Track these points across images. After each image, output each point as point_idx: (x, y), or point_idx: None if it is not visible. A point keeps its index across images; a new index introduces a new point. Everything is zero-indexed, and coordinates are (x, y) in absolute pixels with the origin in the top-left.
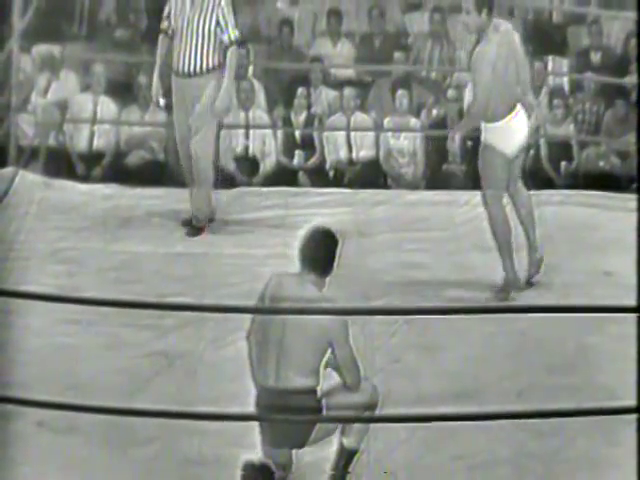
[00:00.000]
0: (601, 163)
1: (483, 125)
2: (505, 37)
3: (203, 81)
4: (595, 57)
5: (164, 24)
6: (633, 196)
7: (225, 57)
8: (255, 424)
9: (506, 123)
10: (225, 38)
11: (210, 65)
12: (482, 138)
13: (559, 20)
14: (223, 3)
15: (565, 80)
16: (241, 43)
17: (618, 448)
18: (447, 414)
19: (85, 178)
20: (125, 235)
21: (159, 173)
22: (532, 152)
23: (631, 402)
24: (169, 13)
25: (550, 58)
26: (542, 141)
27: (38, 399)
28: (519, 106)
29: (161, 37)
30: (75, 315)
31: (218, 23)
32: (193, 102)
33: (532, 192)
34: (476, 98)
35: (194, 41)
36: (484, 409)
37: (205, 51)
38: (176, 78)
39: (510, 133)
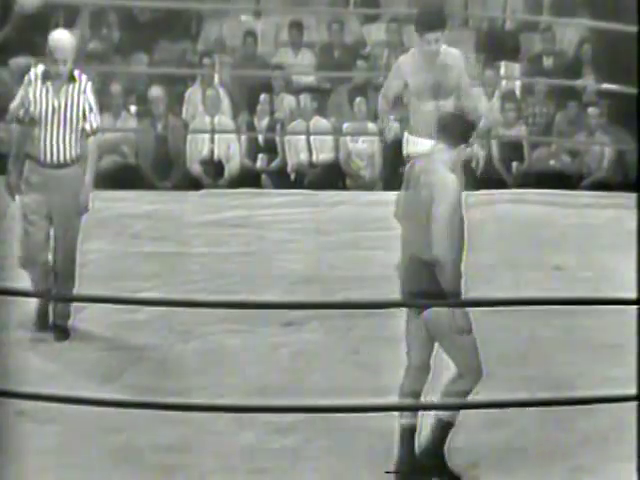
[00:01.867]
0: (552, 162)
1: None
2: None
3: (71, 172)
4: (547, 62)
5: (19, 113)
6: (583, 193)
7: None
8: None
9: None
10: (87, 126)
11: (75, 155)
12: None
13: (512, 28)
14: (88, 90)
15: (517, 84)
16: (207, 54)
17: (571, 436)
18: (405, 405)
19: None
20: (98, 234)
21: (130, 176)
22: (484, 153)
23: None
24: (25, 101)
25: (503, 64)
26: (494, 143)
27: (17, 390)
28: None
29: (16, 127)
30: None
31: (84, 111)
32: (58, 195)
33: (485, 192)
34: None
35: (61, 130)
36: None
37: (72, 141)
38: (41, 169)
39: None
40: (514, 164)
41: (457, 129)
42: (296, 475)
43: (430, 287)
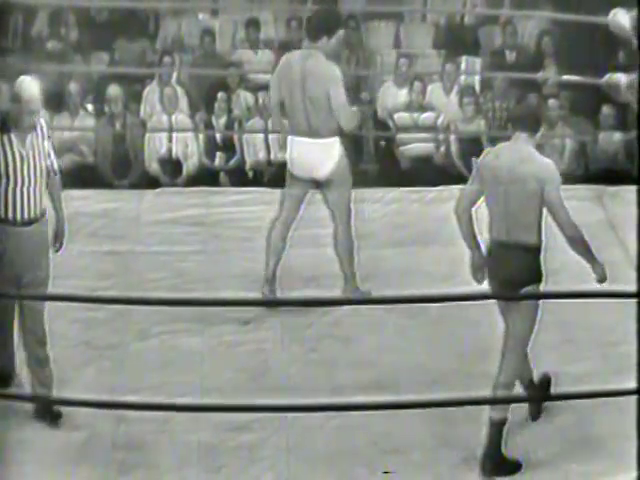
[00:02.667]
0: None
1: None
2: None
3: (42, 226)
4: (509, 56)
5: None
6: None
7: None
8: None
9: None
10: (53, 169)
11: (44, 208)
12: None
13: (471, 22)
14: (47, 133)
15: (477, 79)
16: (165, 52)
17: (532, 433)
18: (362, 403)
19: None
20: None
21: (88, 175)
22: (443, 149)
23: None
24: None
25: (463, 59)
26: (453, 138)
27: None
28: None
29: None
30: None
31: (48, 156)
32: (29, 255)
33: (444, 187)
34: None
35: (32, 182)
36: (399, 398)
37: (42, 191)
38: (11, 228)
39: None
40: (473, 159)
41: (533, 117)
42: (252, 473)
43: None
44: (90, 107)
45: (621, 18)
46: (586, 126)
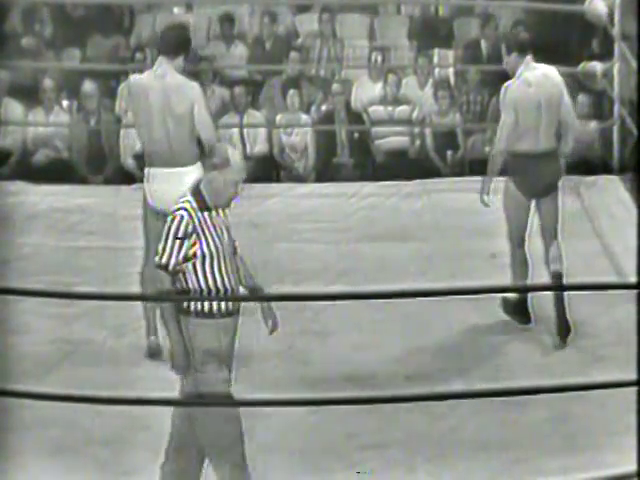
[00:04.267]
0: (487, 149)
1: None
2: None
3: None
4: (484, 47)
5: None
6: None
7: None
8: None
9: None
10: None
11: None
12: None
13: (445, 14)
14: None
15: (451, 71)
16: (140, 48)
17: (509, 429)
18: (339, 398)
19: None
20: (31, 228)
21: (63, 171)
22: (418, 143)
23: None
24: None
25: (436, 51)
26: (428, 132)
27: None
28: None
29: None
30: None
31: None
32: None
33: (419, 181)
34: None
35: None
36: (374, 393)
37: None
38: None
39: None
40: (448, 152)
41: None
42: None
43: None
44: (65, 103)
45: (597, 6)
46: None
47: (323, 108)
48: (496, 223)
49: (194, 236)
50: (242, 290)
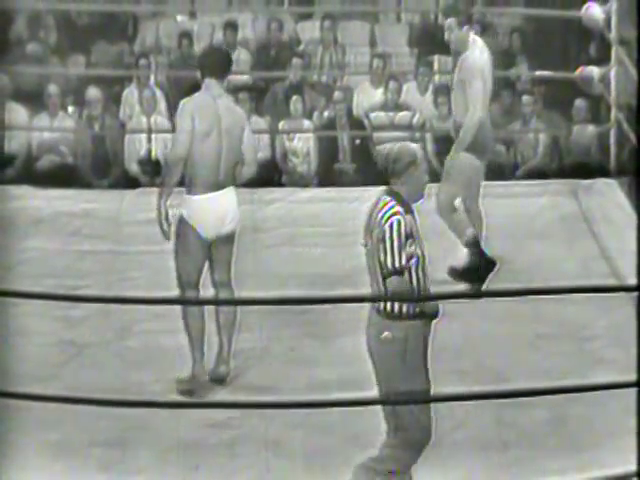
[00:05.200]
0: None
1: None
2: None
3: None
4: None
5: None
6: (517, 182)
7: None
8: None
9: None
10: None
11: None
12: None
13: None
14: None
15: (450, 78)
16: (143, 55)
17: (506, 429)
18: (340, 400)
19: None
20: (36, 232)
21: (68, 175)
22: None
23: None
24: None
25: (436, 58)
26: (428, 136)
27: None
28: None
29: None
30: None
31: None
32: None
33: None
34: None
35: None
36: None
37: None
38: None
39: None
40: (448, 157)
41: None
42: (232, 470)
43: None
44: (70, 109)
45: (594, 11)
46: (559, 120)
47: (325, 114)
48: (496, 225)
49: (410, 239)
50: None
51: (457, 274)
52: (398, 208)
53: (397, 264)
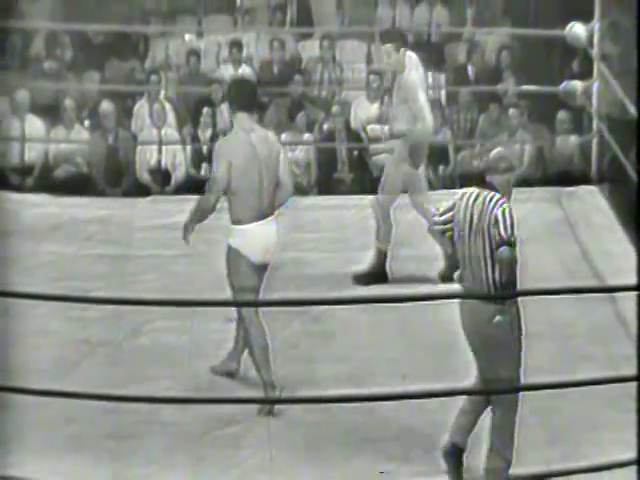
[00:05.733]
0: (475, 163)
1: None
2: None
3: None
4: (472, 70)
5: None
6: None
7: None
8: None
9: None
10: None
11: None
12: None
13: (437, 40)
14: None
15: (442, 92)
16: (154, 71)
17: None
18: (339, 395)
19: (17, 188)
20: (53, 238)
21: (83, 184)
22: None
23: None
24: None
25: (429, 74)
26: None
27: None
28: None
29: None
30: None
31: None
32: None
33: None
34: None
35: None
36: (373, 390)
37: None
38: None
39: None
40: (440, 167)
41: None
42: (236, 462)
43: None
44: (85, 122)
45: (578, 30)
46: (544, 131)
47: (324, 127)
48: None
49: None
50: None
51: (360, 278)
52: (504, 199)
53: (510, 236)
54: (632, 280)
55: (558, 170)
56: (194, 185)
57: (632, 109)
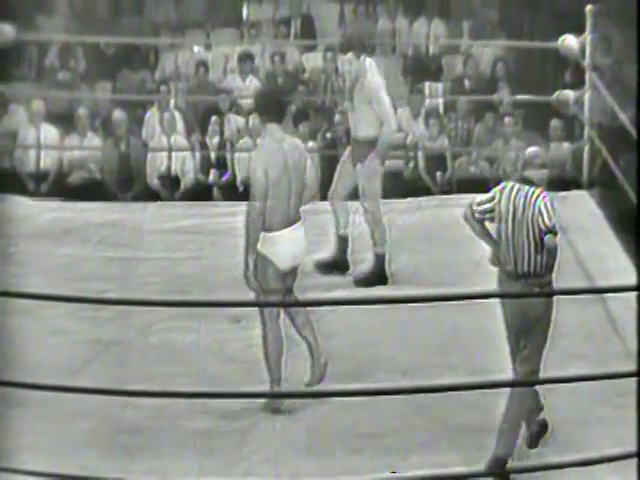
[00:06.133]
0: (472, 169)
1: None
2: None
3: None
4: (469, 81)
5: None
6: None
7: None
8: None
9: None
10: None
11: None
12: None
13: (435, 52)
14: None
15: (440, 102)
16: (164, 81)
17: (487, 416)
18: (341, 391)
19: (33, 194)
20: (67, 241)
21: (96, 190)
22: (411, 165)
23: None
24: None
25: (427, 84)
26: (420, 154)
27: None
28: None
29: None
30: (23, 307)
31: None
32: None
33: (411, 199)
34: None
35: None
36: (373, 386)
37: None
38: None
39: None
40: (438, 173)
41: None
42: (243, 455)
43: None
44: (97, 129)
45: (571, 42)
46: (537, 139)
47: (328, 135)
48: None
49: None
50: None
51: (323, 266)
52: (544, 192)
53: (554, 225)
54: (622, 281)
55: (551, 175)
56: (202, 190)
57: (622, 117)
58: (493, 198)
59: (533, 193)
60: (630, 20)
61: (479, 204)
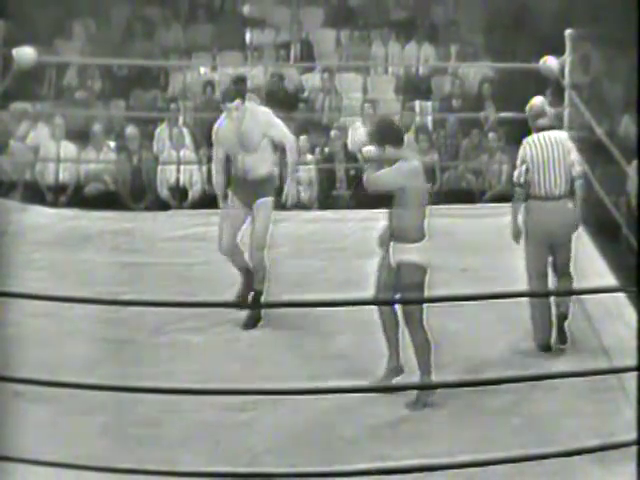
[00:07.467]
0: (459, 181)
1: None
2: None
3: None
4: (456, 100)
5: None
6: (483, 205)
7: None
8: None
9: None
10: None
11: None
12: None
13: (425, 72)
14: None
15: (429, 119)
16: (173, 100)
17: (477, 412)
18: (338, 387)
19: (53, 204)
20: (85, 248)
21: (110, 200)
22: None
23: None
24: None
25: (418, 103)
26: None
27: (15, 376)
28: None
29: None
30: (45, 309)
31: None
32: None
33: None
34: None
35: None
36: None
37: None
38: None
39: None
40: (428, 185)
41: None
42: (247, 447)
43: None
44: (112, 144)
45: (551, 63)
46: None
47: (325, 149)
48: (466, 242)
49: None
50: None
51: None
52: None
53: (582, 169)
54: (599, 283)
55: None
56: (209, 200)
57: (598, 131)
58: (523, 161)
59: (556, 136)
60: (606, 42)
61: (517, 177)
